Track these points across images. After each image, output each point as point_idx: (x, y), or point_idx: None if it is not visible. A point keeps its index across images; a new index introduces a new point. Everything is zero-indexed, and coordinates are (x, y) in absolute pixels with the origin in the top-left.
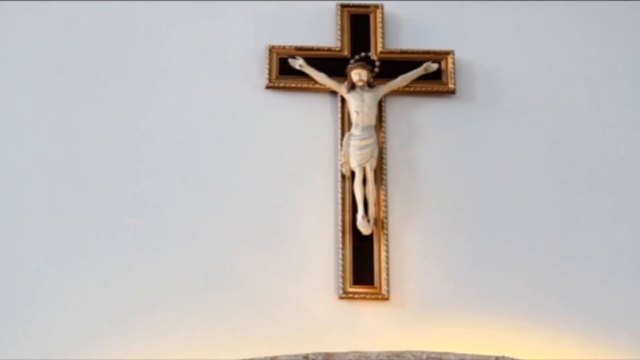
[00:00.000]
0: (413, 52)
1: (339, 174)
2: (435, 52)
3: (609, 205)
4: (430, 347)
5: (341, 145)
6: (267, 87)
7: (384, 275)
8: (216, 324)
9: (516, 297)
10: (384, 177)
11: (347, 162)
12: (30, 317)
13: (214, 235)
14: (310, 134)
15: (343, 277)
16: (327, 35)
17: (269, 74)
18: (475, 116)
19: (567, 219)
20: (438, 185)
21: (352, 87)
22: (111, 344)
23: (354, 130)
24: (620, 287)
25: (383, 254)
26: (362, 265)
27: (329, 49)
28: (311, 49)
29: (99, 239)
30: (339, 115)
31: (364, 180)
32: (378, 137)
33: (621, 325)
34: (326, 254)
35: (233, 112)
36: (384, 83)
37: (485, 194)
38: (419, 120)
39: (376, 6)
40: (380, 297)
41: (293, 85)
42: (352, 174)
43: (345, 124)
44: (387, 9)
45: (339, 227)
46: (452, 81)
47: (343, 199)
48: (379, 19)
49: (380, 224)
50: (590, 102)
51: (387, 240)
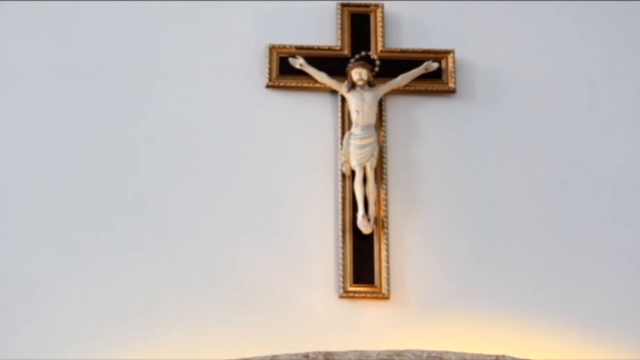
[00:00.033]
0: (413, 52)
1: (339, 173)
2: (435, 52)
3: (609, 204)
4: (431, 346)
5: (341, 144)
6: (268, 86)
7: (384, 274)
8: (216, 323)
9: (516, 296)
10: (384, 176)
11: (348, 161)
12: (30, 316)
13: (214, 235)
14: (310, 133)
15: (343, 276)
16: (327, 35)
17: (269, 73)
18: (475, 115)
19: (567, 218)
20: (438, 184)
21: (353, 86)
22: (111, 343)
23: (354, 130)
24: (620, 286)
25: (383, 253)
26: (363, 264)
27: (329, 48)
28: (311, 48)
29: (99, 239)
30: (339, 114)
31: (364, 180)
32: (378, 136)
33: (621, 325)
34: (326, 253)
35: (233, 111)
36: (384, 82)
37: (486, 193)
38: (419, 119)
39: (376, 5)
40: (380, 296)
41: (293, 84)
42: (353, 173)
43: (345, 123)
44: (387, 8)
45: (339, 226)
46: (453, 80)
47: (343, 198)
48: (379, 18)
49: (380, 223)
50: (590, 101)
51: (387, 239)
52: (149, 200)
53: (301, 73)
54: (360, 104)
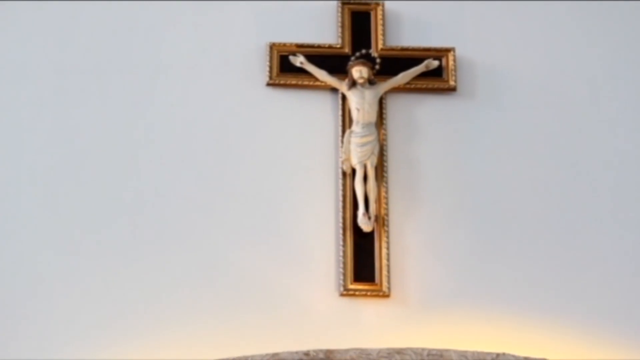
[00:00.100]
0: (414, 49)
1: (339, 171)
2: (436, 50)
3: (609, 203)
4: (431, 344)
5: (342, 142)
6: (268, 85)
7: (384, 272)
8: (217, 322)
9: (517, 294)
10: (385, 174)
11: (348, 159)
12: (29, 316)
13: (215, 233)
14: (311, 131)
15: (344, 274)
16: (328, 33)
17: (270, 71)
18: (475, 113)
19: (567, 216)
20: (439, 182)
21: (353, 84)
22: (111, 342)
23: (354, 128)
24: (621, 285)
25: (384, 251)
26: (363, 262)
27: (330, 46)
28: (312, 46)
29: (99, 237)
30: (340, 112)
31: (365, 178)
32: (379, 134)
33: (622, 323)
34: (327, 251)
35: (234, 110)
36: (384, 80)
37: (486, 191)
38: (419, 117)
39: (377, 3)
40: (381, 294)
41: (294, 82)
42: (353, 171)
43: (345, 121)
44: (387, 6)
45: (340, 224)
46: (453, 78)
47: (344, 196)
48: (379, 16)
49: (381, 221)
50: (590, 100)
51: (387, 237)
52: (149, 199)
53: (302, 71)
54: (361, 102)
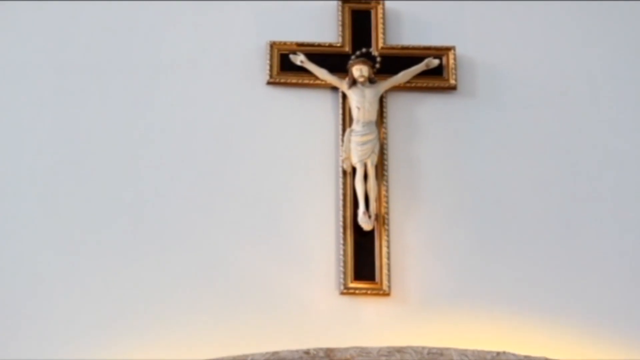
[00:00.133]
0: (414, 48)
1: (340, 170)
2: (436, 48)
3: (610, 201)
4: (432, 342)
5: (342, 141)
6: (268, 83)
7: (385, 270)
8: (217, 320)
9: (517, 292)
10: (385, 173)
11: (348, 158)
12: (29, 316)
13: (215, 232)
14: (311, 130)
15: (344, 273)
16: (328, 31)
17: (270, 70)
18: (476, 112)
19: (568, 214)
20: (439, 181)
21: (353, 83)
22: (112, 341)
23: (355, 126)
24: (621, 283)
25: (384, 249)
26: (363, 260)
27: (330, 45)
28: (312, 45)
29: (100, 237)
30: (340, 111)
31: (365, 176)
32: (379, 132)
33: (623, 322)
34: (327, 249)
35: (234, 108)
36: (385, 79)
37: (487, 190)
38: (420, 116)
39: (377, 2)
40: (381, 292)
41: (294, 81)
42: (353, 169)
43: (346, 119)
44: (388, 4)
45: (340, 223)
46: (453, 77)
47: (344, 195)
48: (380, 15)
49: (381, 219)
50: (591, 98)
51: (388, 235)
52: (148, 198)
53: (302, 70)
54: (361, 101)
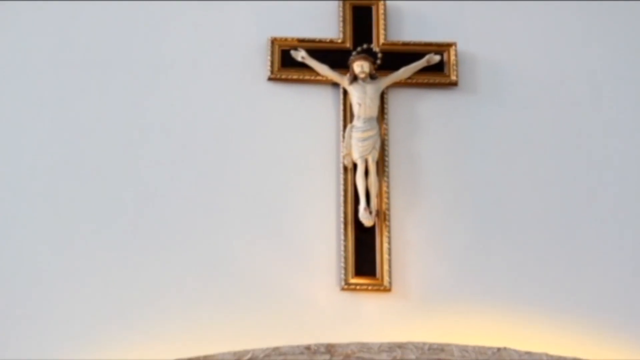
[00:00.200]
0: (415, 44)
1: (341, 166)
2: (437, 44)
3: (611, 198)
4: (432, 338)
5: (343, 137)
6: (269, 79)
7: (385, 266)
8: (218, 316)
9: (518, 288)
10: (386, 169)
11: (349, 154)
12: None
13: (216, 228)
14: (312, 126)
15: (345, 269)
16: (329, 27)
17: (271, 66)
18: (477, 108)
19: (569, 211)
20: (440, 177)
21: (354, 79)
22: (114, 338)
23: (356, 122)
24: (623, 279)
25: (385, 245)
26: (364, 256)
27: (331, 41)
28: (313, 41)
29: (100, 234)
30: (341, 107)
31: (366, 172)
32: (380, 129)
33: (624, 318)
34: (328, 245)
35: (235, 104)
36: (386, 75)
37: (487, 186)
38: (421, 112)
39: None
40: (382, 288)
41: (295, 77)
42: (354, 165)
43: (347, 115)
44: (389, 0)
45: (341, 219)
46: (455, 73)
47: (345, 191)
48: (381, 11)
49: (382, 215)
50: (592, 94)
51: (389, 231)
52: (150, 193)
53: (303, 66)
54: (362, 97)
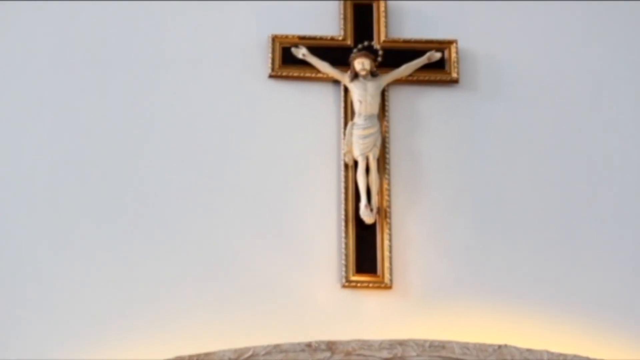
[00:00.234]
0: (416, 42)
1: (341, 163)
2: (438, 42)
3: (611, 195)
4: (433, 335)
5: (344, 134)
6: (270, 77)
7: (386, 264)
8: (219, 313)
9: (519, 285)
10: (387, 166)
11: (350, 151)
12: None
13: (217, 225)
14: (313, 123)
15: (346, 266)
16: (330, 25)
17: (272, 63)
18: (478, 105)
19: (569, 208)
20: (441, 174)
21: (355, 76)
22: (113, 335)
23: (356, 120)
24: (623, 276)
25: (386, 242)
26: (365, 254)
27: (332, 38)
28: (314, 38)
29: (101, 232)
30: (342, 104)
31: (367, 170)
32: (381, 126)
33: (625, 315)
34: (329, 242)
35: (236, 102)
36: (387, 72)
37: (488, 183)
38: (422, 109)
39: None
40: (383, 285)
41: (296, 74)
42: (355, 163)
43: (348, 113)
44: None
45: (342, 216)
46: (456, 70)
47: (346, 188)
48: (382, 8)
49: (383, 213)
50: (593, 92)
51: (390, 229)
52: (151, 190)
53: (304, 63)
54: (363, 94)
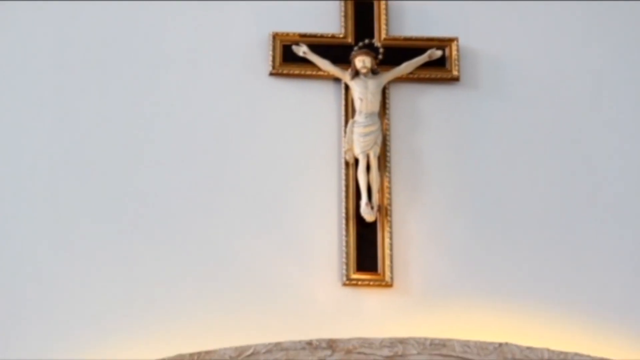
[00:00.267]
0: (417, 39)
1: (342, 161)
2: (439, 39)
3: (612, 194)
4: (434, 333)
5: (345, 132)
6: (271, 74)
7: (387, 262)
8: (220, 311)
9: (520, 283)
10: (388, 164)
11: (351, 149)
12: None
13: (218, 223)
14: (313, 121)
15: (347, 264)
16: (331, 22)
17: (273, 61)
18: (479, 103)
19: (570, 206)
20: (442, 172)
21: (356, 74)
22: (114, 334)
23: (357, 117)
24: (623, 275)
25: (387, 240)
26: (366, 252)
27: (333, 36)
28: (315, 36)
29: (101, 231)
30: (343, 102)
31: (368, 167)
32: (382, 124)
33: (625, 313)
34: (330, 240)
35: (236, 100)
36: (387, 70)
37: (489, 181)
38: (422, 107)
39: None
40: (383, 283)
41: (297, 72)
42: (356, 161)
43: (349, 111)
44: None
45: (343, 214)
46: (456, 68)
47: (347, 186)
48: (383, 6)
49: (383, 210)
50: (594, 90)
51: (390, 227)
52: (152, 189)
53: (305, 61)
54: (364, 92)
